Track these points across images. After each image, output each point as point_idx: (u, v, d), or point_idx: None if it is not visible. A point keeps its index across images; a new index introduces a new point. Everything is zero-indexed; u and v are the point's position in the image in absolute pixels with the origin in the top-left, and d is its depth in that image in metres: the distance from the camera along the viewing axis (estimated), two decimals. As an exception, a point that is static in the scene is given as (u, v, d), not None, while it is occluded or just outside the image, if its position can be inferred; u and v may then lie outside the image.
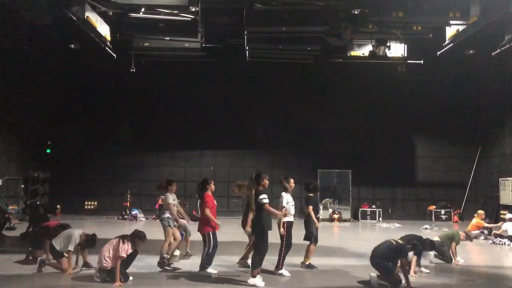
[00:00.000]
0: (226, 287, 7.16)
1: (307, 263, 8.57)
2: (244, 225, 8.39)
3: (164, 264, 8.35)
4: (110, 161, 19.82)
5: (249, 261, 8.13)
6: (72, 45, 14.16)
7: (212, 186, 8.07)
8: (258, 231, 7.37)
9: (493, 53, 13.37)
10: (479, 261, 10.53)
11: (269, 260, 7.86)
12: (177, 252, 9.29)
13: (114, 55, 14.41)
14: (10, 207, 15.90)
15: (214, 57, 16.22)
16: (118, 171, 19.78)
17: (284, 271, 7.93)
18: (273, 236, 7.88)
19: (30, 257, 8.81)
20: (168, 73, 18.34)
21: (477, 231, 13.52)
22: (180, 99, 19.34)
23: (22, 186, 17.74)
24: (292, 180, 8.37)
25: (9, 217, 13.94)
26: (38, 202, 17.21)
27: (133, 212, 17.93)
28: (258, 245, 7.34)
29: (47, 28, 12.35)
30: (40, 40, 14.57)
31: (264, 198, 7.32)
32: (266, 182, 7.56)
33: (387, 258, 7.23)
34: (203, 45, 14.25)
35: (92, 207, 19.41)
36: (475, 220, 13.77)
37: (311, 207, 8.50)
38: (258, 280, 7.16)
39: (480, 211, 14.12)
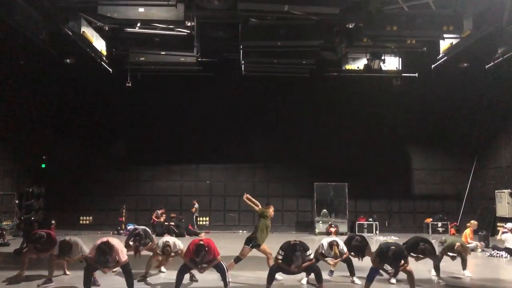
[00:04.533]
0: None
1: None
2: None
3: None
4: (105, 175, 19.73)
5: None
6: (68, 60, 14.17)
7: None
8: None
9: (486, 66, 13.49)
10: (477, 274, 10.47)
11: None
12: (164, 269, 9.37)
13: (110, 70, 14.44)
14: (4, 223, 15.76)
15: (210, 71, 16.29)
16: (113, 186, 19.67)
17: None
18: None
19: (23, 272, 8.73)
20: (164, 88, 18.37)
21: (474, 244, 13.48)
22: (176, 113, 19.35)
23: (17, 201, 17.60)
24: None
25: (2, 232, 13.81)
26: (32, 218, 17.05)
27: (129, 227, 17.72)
28: None
29: (43, 43, 12.36)
30: (35, 55, 14.60)
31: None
32: None
33: None
34: (199, 59, 14.30)
35: (87, 222, 19.27)
36: (467, 231, 13.76)
37: None
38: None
39: (473, 221, 14.03)
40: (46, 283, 8.02)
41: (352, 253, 8.91)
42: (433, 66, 14.25)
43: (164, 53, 13.86)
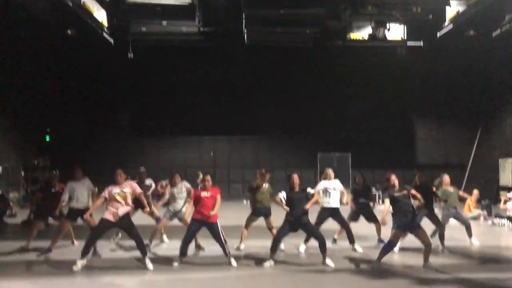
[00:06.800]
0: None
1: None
2: None
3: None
4: (110, 147, 19.81)
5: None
6: (69, 32, 14.00)
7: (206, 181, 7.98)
8: None
9: (493, 34, 13.28)
10: (480, 242, 10.57)
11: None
12: (166, 240, 9.57)
13: (112, 41, 14.30)
14: (11, 195, 15.94)
15: (212, 41, 16.07)
16: (118, 158, 19.71)
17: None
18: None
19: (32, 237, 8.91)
20: (166, 59, 18.22)
21: (477, 212, 13.58)
22: (178, 85, 19.26)
23: (22, 173, 17.75)
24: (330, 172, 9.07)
25: (10, 204, 13.98)
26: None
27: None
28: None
29: (43, 14, 12.22)
30: (36, 27, 14.43)
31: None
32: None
33: None
34: (201, 29, 14.13)
35: (93, 193, 19.42)
36: (469, 200, 13.87)
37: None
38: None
39: (475, 191, 14.10)
40: (45, 253, 8.22)
41: (362, 200, 9.26)
42: (438, 34, 14.05)
43: (165, 23, 13.68)
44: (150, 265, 7.23)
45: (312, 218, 8.16)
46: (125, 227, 7.33)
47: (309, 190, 7.82)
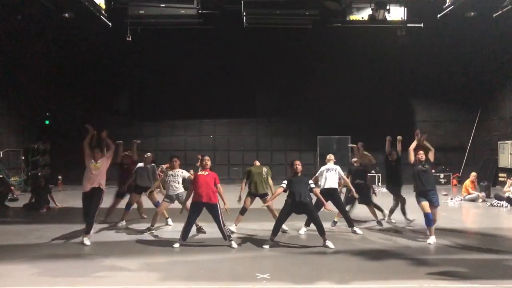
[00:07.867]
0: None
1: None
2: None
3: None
4: (109, 131, 19.74)
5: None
6: (66, 14, 13.87)
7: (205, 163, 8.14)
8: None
9: (494, 15, 13.19)
10: (477, 223, 10.66)
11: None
12: (170, 222, 9.67)
13: (110, 24, 14.19)
14: (12, 179, 15.99)
15: (211, 24, 15.97)
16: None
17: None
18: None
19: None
20: (165, 41, 18.10)
21: (475, 194, 13.67)
22: (177, 68, 19.15)
23: (23, 157, 17.79)
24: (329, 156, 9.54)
25: (11, 188, 14.05)
26: (39, 173, 17.29)
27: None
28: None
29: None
30: (33, 9, 14.29)
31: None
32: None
33: None
34: (200, 11, 14.03)
35: (93, 177, 19.45)
36: (467, 182, 14.03)
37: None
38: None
39: (472, 173, 14.23)
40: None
41: (358, 180, 9.77)
42: (439, 15, 13.95)
43: (163, 5, 13.59)
44: (87, 242, 7.64)
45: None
46: (92, 196, 7.67)
47: (311, 183, 7.80)
